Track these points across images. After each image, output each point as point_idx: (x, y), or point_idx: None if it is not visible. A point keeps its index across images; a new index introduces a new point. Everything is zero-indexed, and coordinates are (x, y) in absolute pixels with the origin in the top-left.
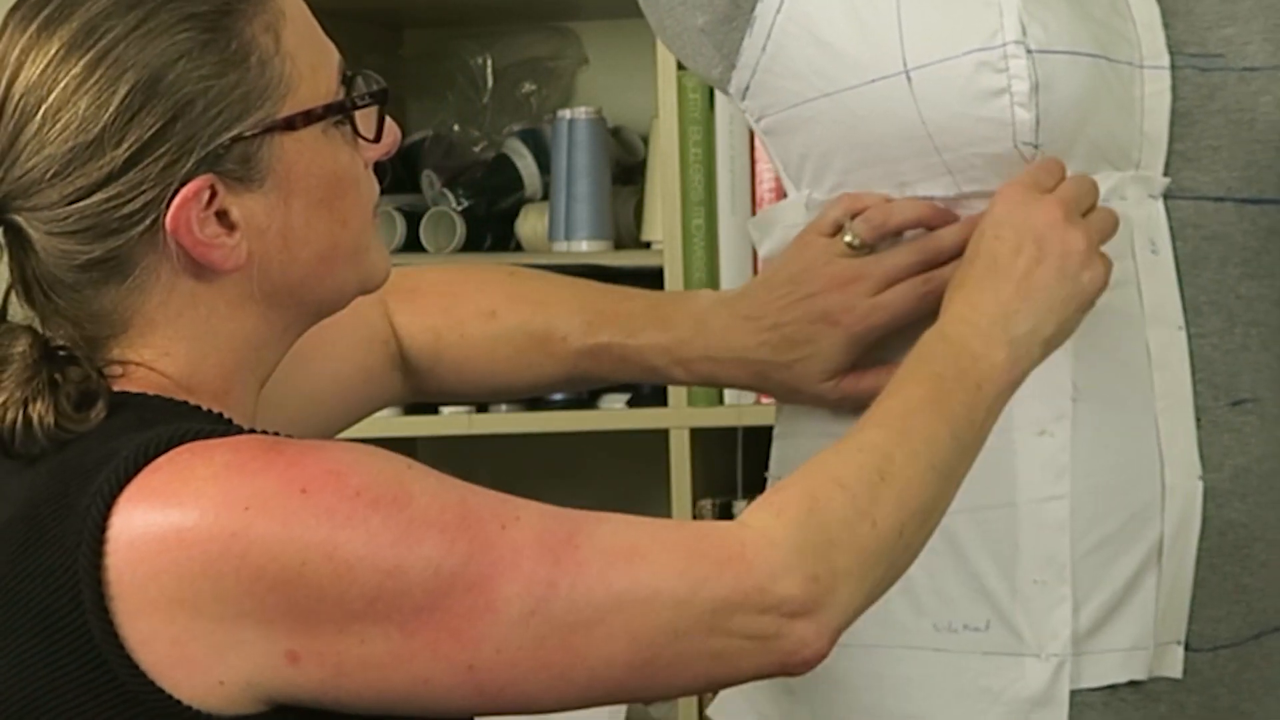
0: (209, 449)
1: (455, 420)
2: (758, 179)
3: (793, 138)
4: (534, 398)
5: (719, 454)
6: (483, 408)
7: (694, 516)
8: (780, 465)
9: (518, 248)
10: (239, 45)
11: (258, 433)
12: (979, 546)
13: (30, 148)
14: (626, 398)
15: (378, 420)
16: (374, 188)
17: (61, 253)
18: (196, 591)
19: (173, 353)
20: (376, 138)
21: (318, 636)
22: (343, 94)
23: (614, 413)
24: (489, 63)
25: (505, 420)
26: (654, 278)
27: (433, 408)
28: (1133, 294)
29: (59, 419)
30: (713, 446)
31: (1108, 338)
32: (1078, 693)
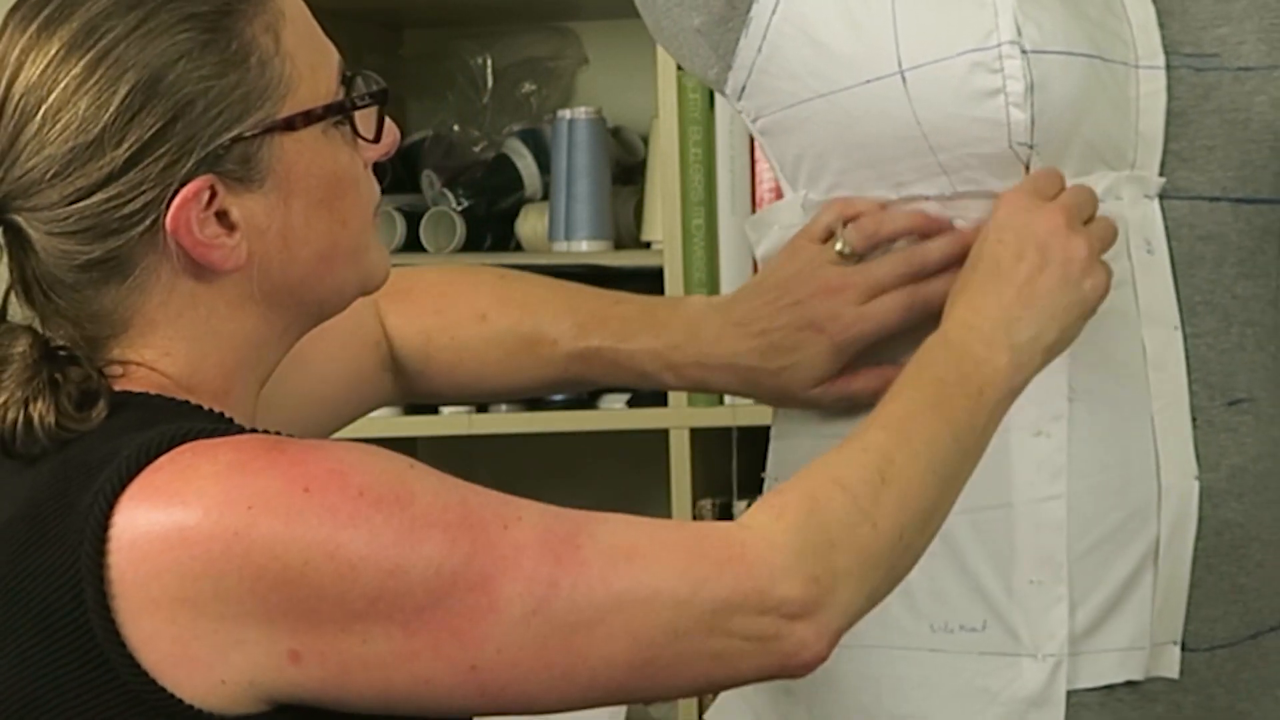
0: (211, 448)
1: (455, 420)
2: (758, 179)
3: (789, 138)
4: (534, 398)
5: (719, 454)
6: (483, 408)
7: (694, 516)
8: (777, 466)
9: (518, 248)
10: (239, 45)
11: (259, 432)
12: (976, 547)
13: (30, 148)
14: (626, 398)
15: (378, 420)
16: (374, 188)
17: (61, 253)
18: (199, 590)
19: (173, 353)
20: (376, 138)
21: (320, 636)
22: (342, 94)
23: (614, 413)
24: (489, 63)
25: (505, 420)
26: (654, 278)
27: (433, 408)
28: (1128, 294)
29: (60, 419)
30: (712, 446)
31: (1104, 338)
32: (1074, 693)
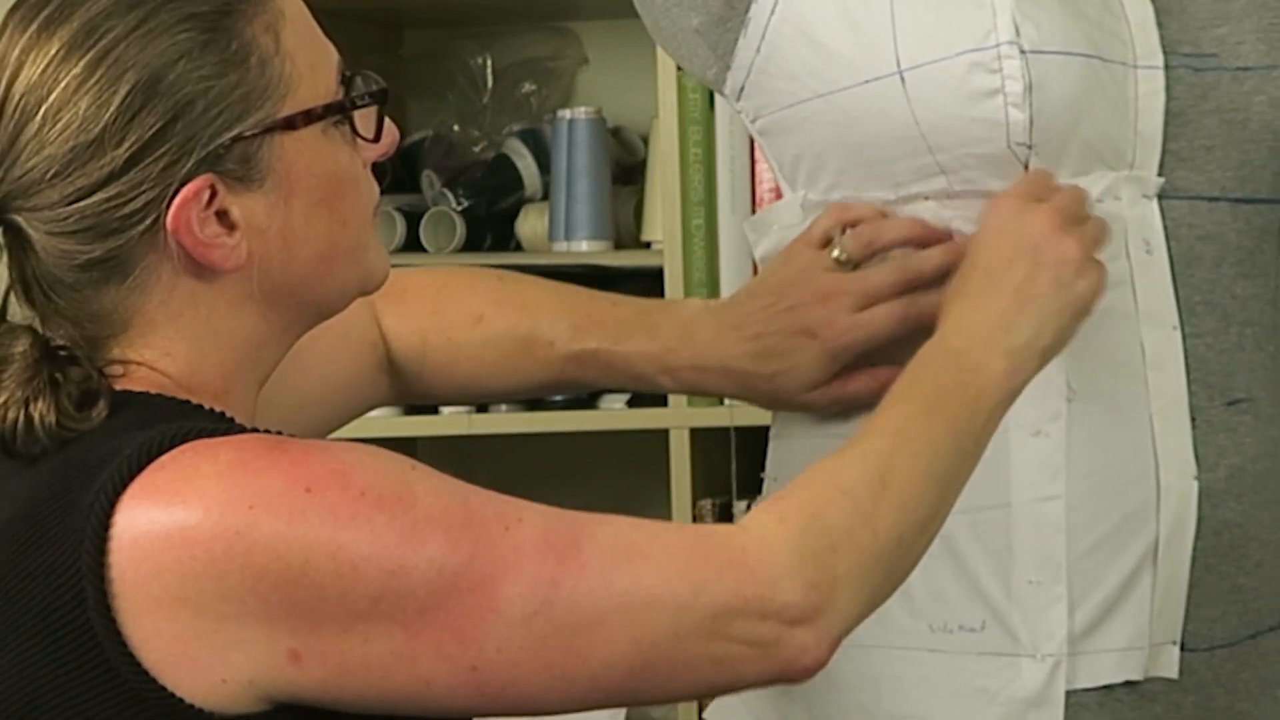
0: (213, 447)
1: (455, 420)
2: (758, 179)
3: (787, 138)
4: (533, 398)
5: (719, 454)
6: (482, 408)
7: (694, 516)
8: (777, 466)
9: (518, 248)
10: (239, 45)
11: (260, 432)
12: (975, 547)
13: (30, 148)
14: (626, 398)
15: (378, 420)
16: (373, 188)
17: (62, 253)
18: (200, 590)
19: (173, 352)
20: (376, 137)
21: (320, 636)
22: (342, 94)
23: (614, 413)
24: (489, 63)
25: (505, 420)
26: (654, 278)
27: (433, 408)
28: (1127, 294)
29: (60, 418)
30: (713, 446)
31: (1103, 338)
32: (1073, 693)
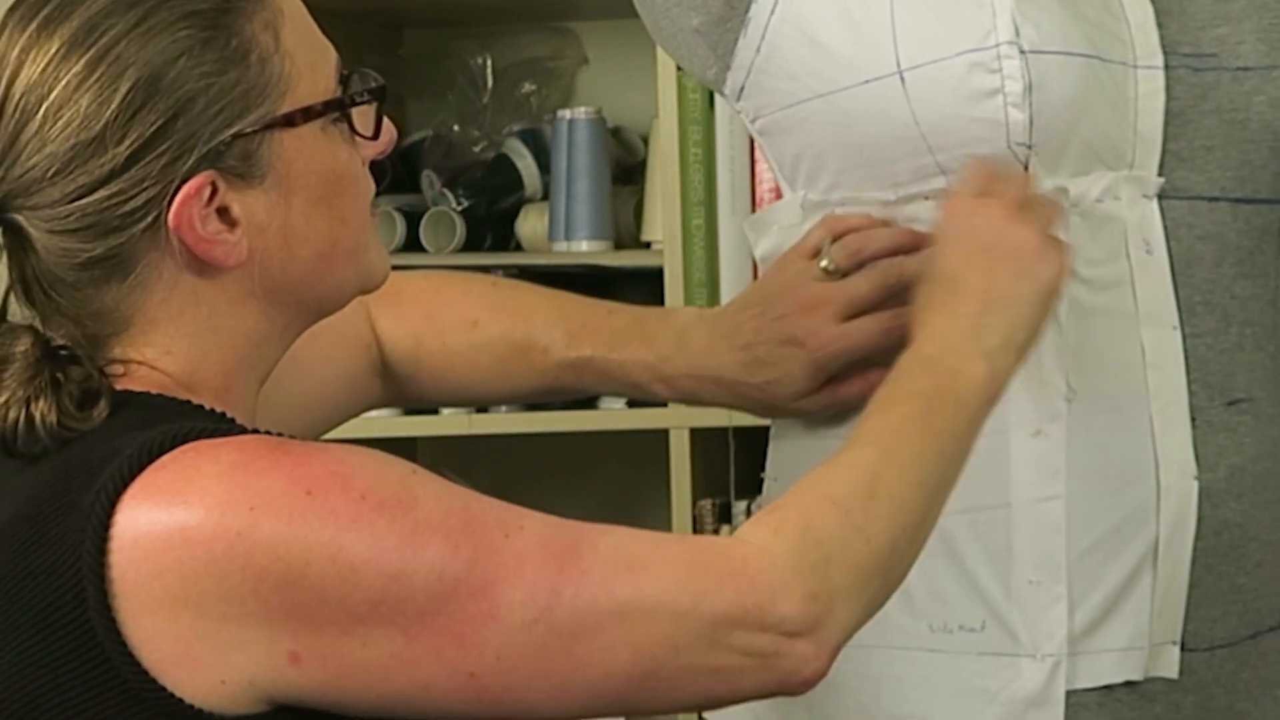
0: (214, 448)
1: (455, 420)
2: (758, 179)
3: (787, 138)
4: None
5: (718, 454)
6: (483, 408)
7: (693, 517)
8: (777, 466)
9: (518, 248)
10: (239, 43)
11: (261, 433)
12: (974, 547)
13: (31, 146)
14: (626, 398)
15: (377, 420)
16: (371, 186)
17: (62, 251)
18: (200, 590)
19: (174, 351)
20: (374, 135)
21: (320, 638)
22: (340, 92)
23: (614, 413)
24: (489, 63)
25: (505, 420)
26: (654, 278)
27: (432, 408)
28: (1127, 294)
29: (61, 418)
30: (712, 447)
31: (1102, 338)
32: (1073, 693)
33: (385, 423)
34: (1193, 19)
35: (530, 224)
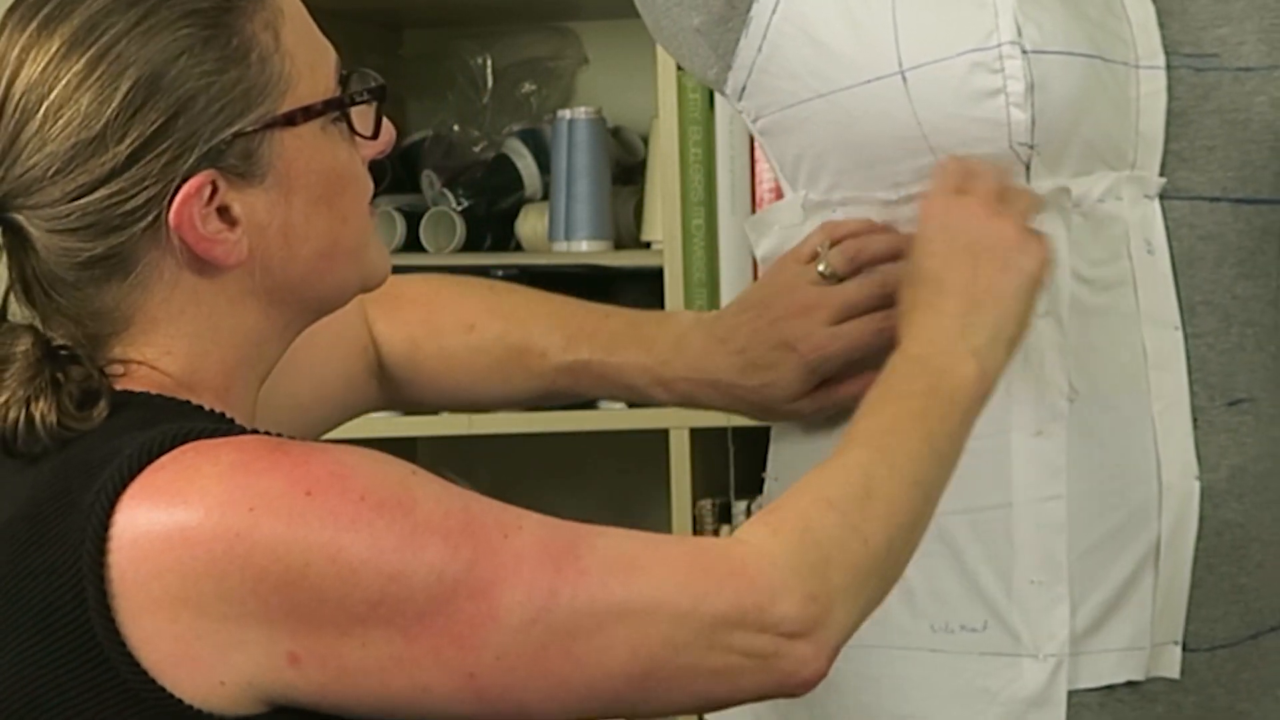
0: (214, 448)
1: (455, 420)
2: (758, 179)
3: (788, 138)
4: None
5: (718, 454)
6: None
7: (693, 517)
8: (778, 466)
9: (518, 248)
10: (240, 42)
11: (260, 433)
12: (976, 547)
13: (32, 145)
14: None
15: (377, 420)
16: (370, 185)
17: (63, 250)
18: (200, 591)
19: (174, 351)
20: (374, 135)
21: (319, 639)
22: (340, 92)
23: (614, 413)
24: (489, 63)
25: (505, 420)
26: (654, 278)
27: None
28: (1129, 294)
29: (61, 418)
30: (712, 446)
31: (1104, 338)
32: (1075, 693)
33: (385, 423)
34: (1194, 19)
35: (530, 224)
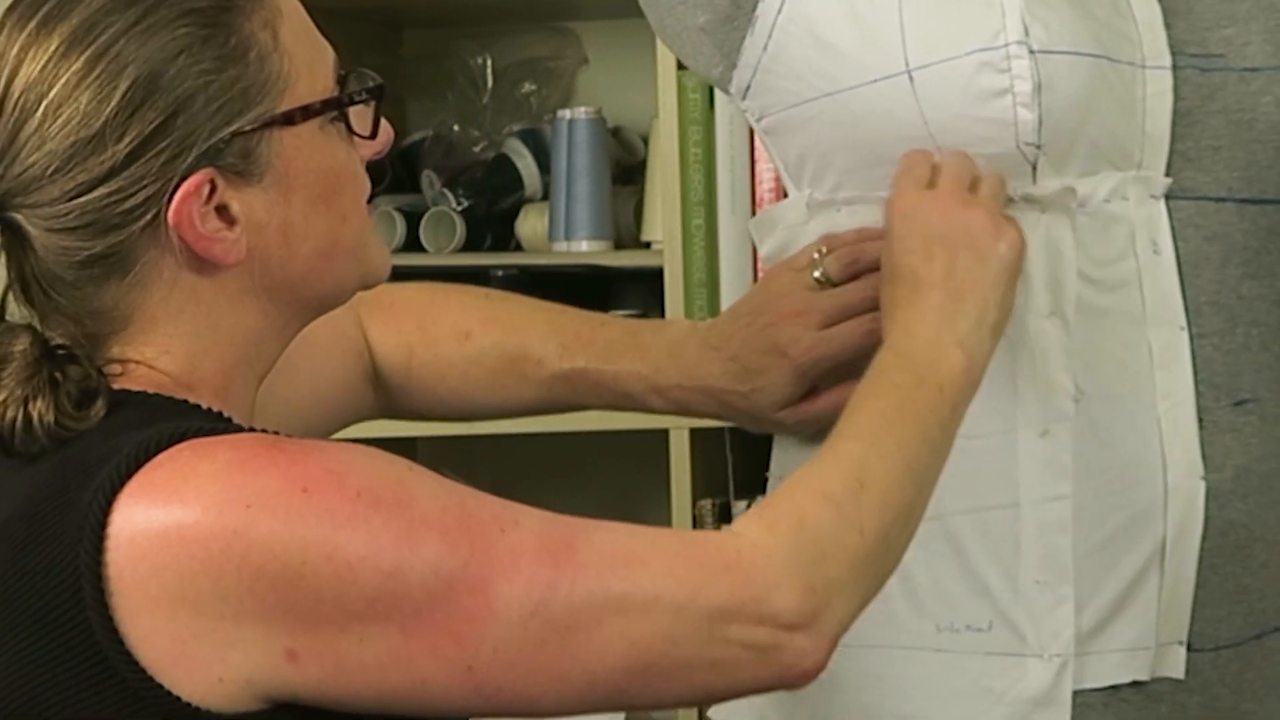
0: (211, 446)
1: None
2: (758, 179)
3: (793, 138)
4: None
5: (718, 454)
6: None
7: (694, 517)
8: (781, 466)
9: (518, 248)
10: (238, 41)
11: (258, 431)
12: (981, 547)
13: (31, 144)
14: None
15: (378, 420)
16: (368, 184)
17: (62, 249)
18: (197, 589)
19: (173, 350)
20: (372, 135)
21: (317, 636)
22: (338, 91)
23: (614, 412)
24: (489, 63)
25: (505, 420)
26: (654, 278)
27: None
28: (1135, 294)
29: (59, 417)
30: (712, 446)
31: (1110, 338)
32: (1080, 693)
33: (385, 423)
34: (1200, 19)
35: (530, 224)
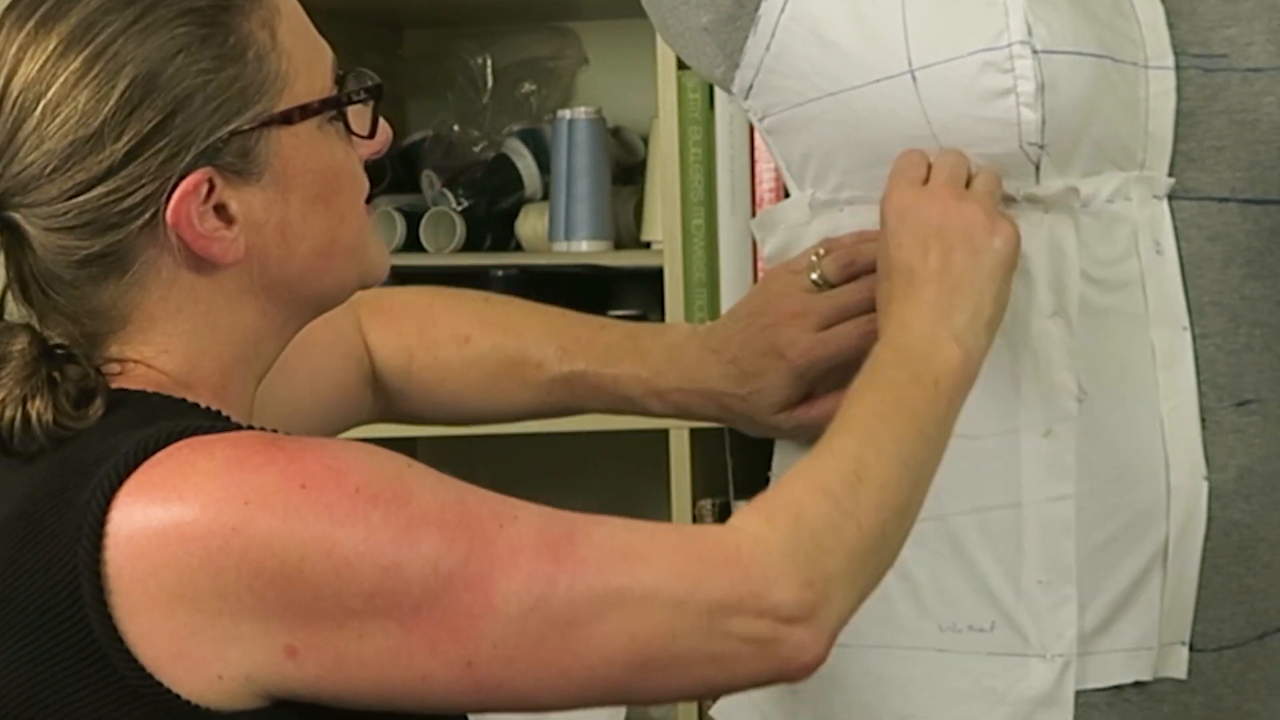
0: (209, 444)
1: None
2: (758, 179)
3: (796, 137)
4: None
5: (718, 454)
6: None
7: (693, 516)
8: (782, 466)
9: (518, 248)
10: (236, 40)
11: (256, 430)
12: (984, 547)
13: (29, 143)
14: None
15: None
16: (366, 184)
17: (60, 249)
18: (196, 586)
19: (171, 349)
20: (370, 134)
21: (316, 632)
22: (337, 91)
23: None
24: (489, 63)
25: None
26: (654, 278)
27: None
28: (1138, 295)
29: (57, 416)
30: (712, 446)
31: (1113, 338)
32: (1082, 693)
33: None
34: (1203, 19)
35: (530, 224)
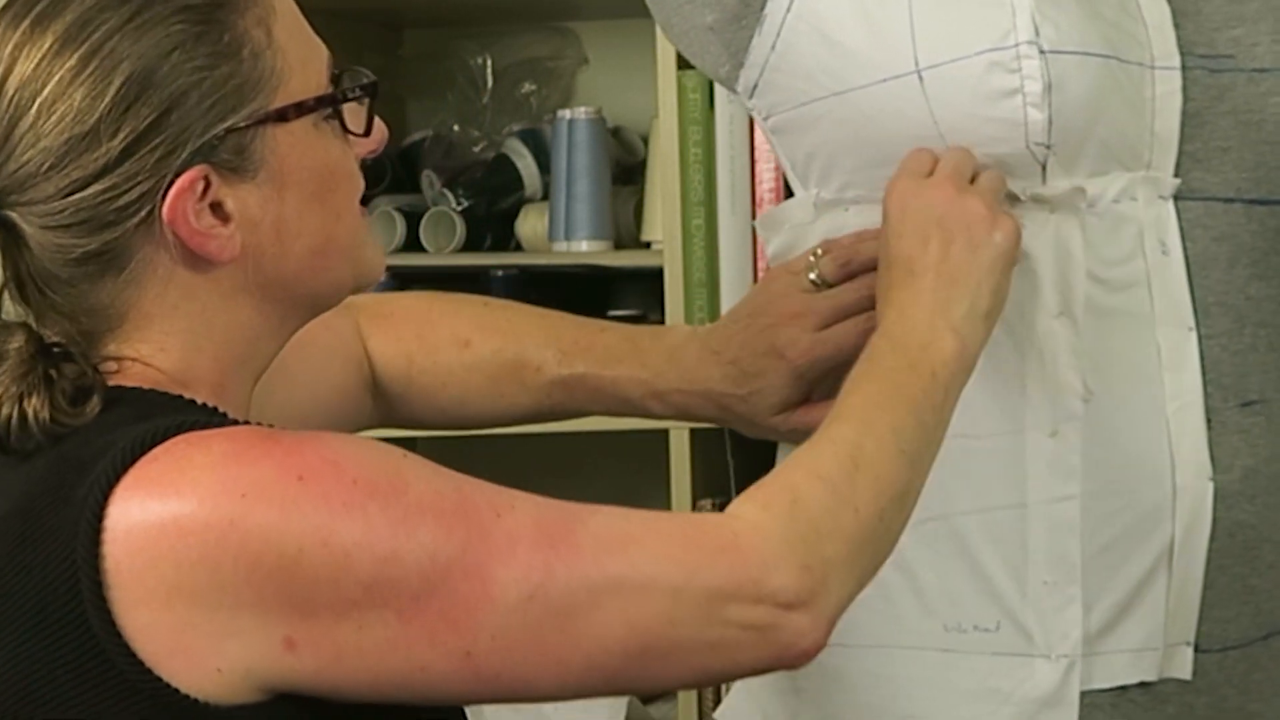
0: (206, 439)
1: None
2: (758, 179)
3: (801, 136)
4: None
5: (718, 454)
6: None
7: None
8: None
9: (518, 248)
10: (231, 38)
11: (253, 425)
12: (989, 547)
13: (25, 141)
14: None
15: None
16: (362, 183)
17: (57, 247)
18: (194, 580)
19: (168, 347)
20: (366, 132)
21: (315, 624)
22: (332, 89)
23: None
24: (489, 63)
25: None
26: (654, 278)
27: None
28: (1143, 295)
29: (54, 414)
30: (712, 446)
31: (1118, 339)
32: (1087, 694)
33: None
34: (1209, 20)
35: (530, 224)
